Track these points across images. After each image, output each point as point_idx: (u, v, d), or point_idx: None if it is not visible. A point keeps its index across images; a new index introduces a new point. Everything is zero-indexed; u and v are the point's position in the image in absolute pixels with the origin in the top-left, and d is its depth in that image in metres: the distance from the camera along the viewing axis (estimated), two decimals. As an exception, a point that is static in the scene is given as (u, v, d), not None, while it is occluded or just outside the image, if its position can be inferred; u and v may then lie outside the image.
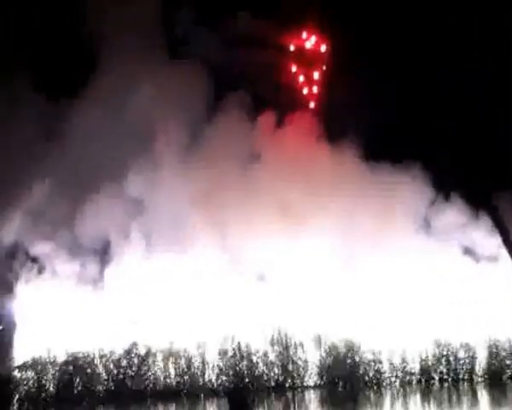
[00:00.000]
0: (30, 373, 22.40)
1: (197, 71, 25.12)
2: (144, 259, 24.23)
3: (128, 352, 22.87)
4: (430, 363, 22.95)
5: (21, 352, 22.89)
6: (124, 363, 22.76)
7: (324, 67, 30.05)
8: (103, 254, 24.58)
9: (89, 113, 24.32)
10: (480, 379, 22.94)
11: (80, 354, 22.69)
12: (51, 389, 22.40)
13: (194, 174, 24.33)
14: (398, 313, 22.89)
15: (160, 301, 23.45)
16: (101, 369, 22.70)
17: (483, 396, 21.96)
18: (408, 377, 22.92)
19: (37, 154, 24.12)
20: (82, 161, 24.28)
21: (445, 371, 22.97)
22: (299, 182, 24.23)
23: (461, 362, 23.00)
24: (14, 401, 22.17)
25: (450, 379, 22.90)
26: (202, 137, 25.00)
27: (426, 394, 22.27)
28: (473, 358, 23.05)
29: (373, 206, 24.30)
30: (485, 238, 25.16)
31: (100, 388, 22.57)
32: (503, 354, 23.00)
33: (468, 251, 24.99)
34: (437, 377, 22.96)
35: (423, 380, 22.91)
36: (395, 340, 22.88)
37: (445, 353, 23.00)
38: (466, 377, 22.96)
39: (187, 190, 24.18)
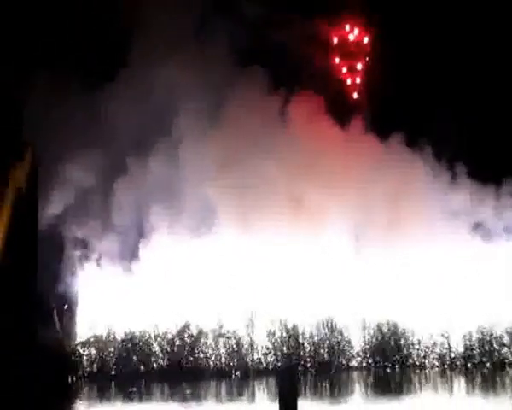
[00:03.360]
0: (92, 350, 23.96)
1: (224, 58, 25.91)
2: (192, 240, 25.13)
3: (181, 332, 24.16)
4: (474, 347, 23.37)
5: (84, 330, 24.47)
6: (177, 342, 24.09)
7: (367, 59, 30.88)
8: (142, 236, 25.59)
9: (119, 96, 25.21)
10: None
11: (137, 333, 24.17)
12: (111, 365, 24.00)
13: (213, 153, 25.14)
14: (443, 296, 23.36)
15: (209, 282, 24.45)
16: (156, 348, 24.13)
17: None
18: (451, 361, 23.43)
19: (73, 137, 25.12)
20: (113, 143, 25.21)
21: (488, 355, 23.34)
22: (315, 168, 24.92)
23: (505, 347, 23.37)
24: (78, 374, 23.72)
25: (494, 364, 23.31)
26: (223, 116, 25.61)
27: (469, 378, 22.70)
28: None
29: (389, 184, 24.86)
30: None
31: (155, 366, 23.97)
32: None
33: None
34: (480, 362, 23.38)
35: (467, 364, 23.38)
36: (439, 324, 23.43)
37: (488, 338, 23.36)
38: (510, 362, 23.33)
39: (207, 168, 25.04)
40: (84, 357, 23.98)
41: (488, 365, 23.41)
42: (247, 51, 26.32)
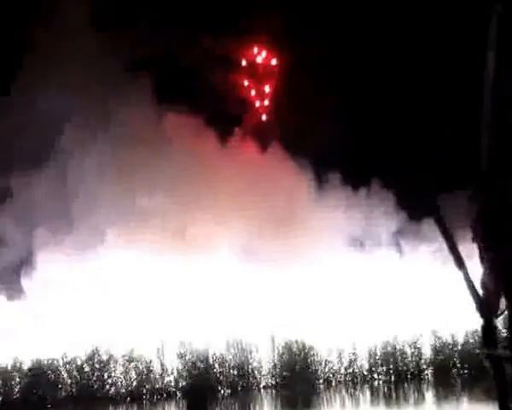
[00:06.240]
0: (-4, 381, 23.46)
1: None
2: (85, 262, 24.99)
3: (90, 358, 23.96)
4: (378, 361, 23.89)
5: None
6: (86, 369, 23.89)
7: (275, 81, 31.61)
8: (31, 263, 25.15)
9: (13, 110, 25.11)
10: (426, 375, 23.88)
11: (45, 362, 23.76)
12: (16, 395, 23.51)
13: (99, 170, 25.19)
14: (347, 312, 23.78)
15: (119, 305, 24.49)
16: (64, 375, 23.81)
17: (429, 392, 22.97)
18: (357, 376, 23.91)
19: None
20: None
21: (392, 368, 23.87)
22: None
23: (407, 359, 23.92)
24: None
25: (397, 376, 23.81)
26: (111, 131, 25.68)
27: (374, 391, 23.31)
28: (419, 355, 23.94)
29: (275, 198, 25.46)
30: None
31: (63, 393, 23.66)
32: (447, 350, 23.92)
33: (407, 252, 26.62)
34: (384, 375, 23.90)
35: (372, 377, 23.90)
36: (345, 339, 23.87)
37: (392, 350, 23.89)
38: (413, 374, 23.86)
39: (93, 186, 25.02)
40: (-11, 389, 23.38)
41: (392, 377, 23.98)
42: (141, 65, 26.54)
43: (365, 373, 24.01)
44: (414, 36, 27.27)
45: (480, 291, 7.68)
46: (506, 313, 7.61)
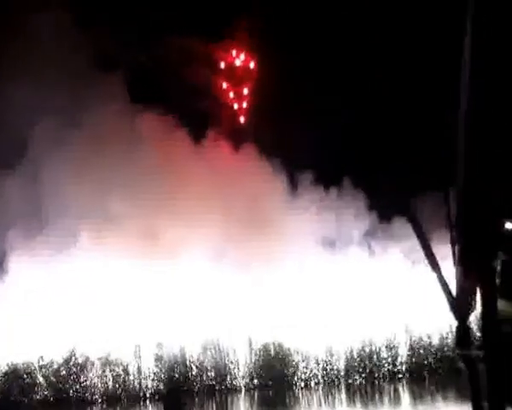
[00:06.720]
0: (-28, 386, 23.17)
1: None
2: (58, 264, 24.78)
3: (67, 361, 23.76)
4: (354, 362, 23.99)
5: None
6: (63, 372, 23.69)
7: (253, 83, 31.67)
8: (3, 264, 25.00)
9: None
10: (401, 376, 24.02)
11: (20, 365, 23.55)
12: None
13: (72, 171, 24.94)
14: (324, 313, 23.87)
15: (95, 308, 24.26)
16: (40, 379, 23.58)
17: (404, 393, 23.06)
18: (334, 377, 23.99)
19: None
20: None
21: (368, 369, 23.98)
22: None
23: (383, 360, 24.05)
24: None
25: (373, 377, 23.96)
26: (83, 132, 25.52)
27: (351, 392, 23.33)
28: (394, 356, 24.08)
29: (247, 202, 25.45)
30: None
31: (39, 397, 23.42)
32: (422, 351, 24.07)
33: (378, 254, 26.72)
34: (361, 376, 23.99)
35: (348, 379, 23.99)
36: (322, 341, 23.92)
37: (368, 351, 24.01)
38: (388, 375, 24.02)
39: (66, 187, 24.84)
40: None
41: (368, 378, 24.08)
42: (117, 65, 26.42)
43: (342, 374, 24.07)
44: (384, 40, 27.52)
45: (454, 292, 7.75)
46: (479, 313, 7.68)
